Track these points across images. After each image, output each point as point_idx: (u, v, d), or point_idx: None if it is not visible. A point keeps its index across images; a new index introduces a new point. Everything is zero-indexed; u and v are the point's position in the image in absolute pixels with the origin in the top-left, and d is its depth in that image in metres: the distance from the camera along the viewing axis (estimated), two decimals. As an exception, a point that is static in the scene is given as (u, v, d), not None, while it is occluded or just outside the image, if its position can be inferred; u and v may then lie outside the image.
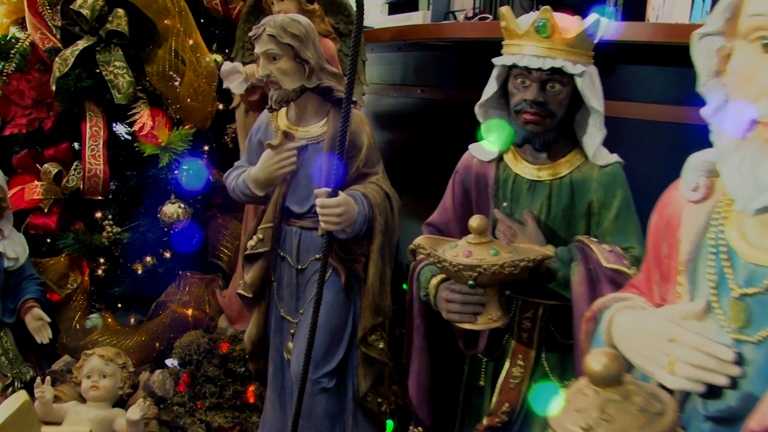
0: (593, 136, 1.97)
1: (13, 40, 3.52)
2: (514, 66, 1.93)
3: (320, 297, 2.29)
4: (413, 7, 4.14)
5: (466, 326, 1.91)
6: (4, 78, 3.41)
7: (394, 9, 4.23)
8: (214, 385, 3.04)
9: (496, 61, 1.99)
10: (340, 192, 2.29)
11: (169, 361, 3.16)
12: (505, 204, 2.07)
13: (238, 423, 2.94)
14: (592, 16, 1.87)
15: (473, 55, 3.32)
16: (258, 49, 2.44)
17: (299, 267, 2.59)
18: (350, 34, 3.36)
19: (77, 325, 3.39)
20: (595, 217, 2.01)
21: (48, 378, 2.61)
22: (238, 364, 3.07)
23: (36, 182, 3.35)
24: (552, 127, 1.95)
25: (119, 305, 3.49)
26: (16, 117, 3.37)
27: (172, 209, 3.29)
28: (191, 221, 3.29)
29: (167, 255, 3.44)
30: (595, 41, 1.92)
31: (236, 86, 3.10)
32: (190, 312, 3.34)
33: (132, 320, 3.50)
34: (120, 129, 3.53)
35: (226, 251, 3.49)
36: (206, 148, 3.40)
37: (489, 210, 2.09)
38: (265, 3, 3.27)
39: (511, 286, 2.05)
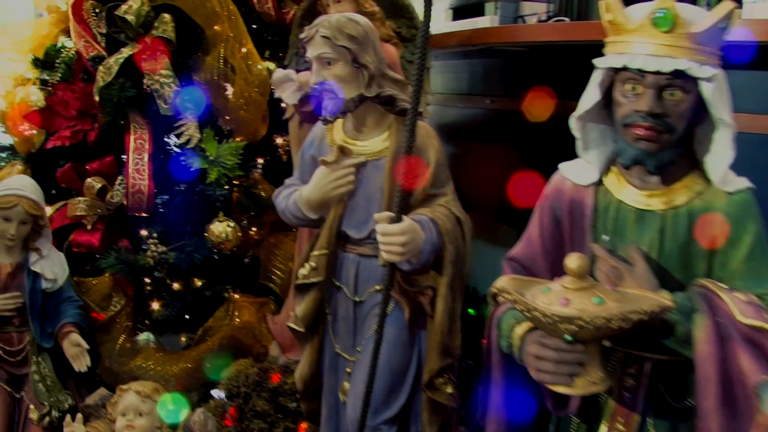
0: (721, 155, 1.52)
1: (62, 50, 3.20)
2: (623, 69, 1.49)
3: (381, 334, 1.95)
4: (479, 12, 3.70)
5: (561, 390, 1.48)
6: (50, 88, 3.08)
7: (458, 14, 3.80)
8: (263, 421, 2.68)
9: (599, 62, 1.55)
10: (404, 217, 1.87)
11: (215, 392, 2.79)
12: (605, 238, 1.63)
13: (289, 463, 2.55)
14: (725, 5, 1.42)
15: (551, 61, 2.86)
16: (310, 53, 2.06)
17: (357, 299, 2.19)
18: (413, 38, 2.96)
19: (121, 348, 3.03)
20: (719, 255, 1.55)
21: (79, 415, 2.26)
22: (289, 399, 2.70)
23: (79, 198, 3.01)
24: (670, 144, 1.50)
25: (165, 328, 3.12)
26: (60, 129, 3.05)
27: (220, 228, 2.93)
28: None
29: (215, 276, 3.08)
30: (726, 37, 1.47)
31: (289, 96, 2.73)
32: (239, 338, 2.96)
33: (179, 343, 3.14)
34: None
35: (279, 273, 3.12)
36: (260, 161, 3.01)
37: (585, 244, 1.66)
38: (320, 6, 2.89)
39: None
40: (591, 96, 1.60)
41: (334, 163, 2.11)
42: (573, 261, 1.42)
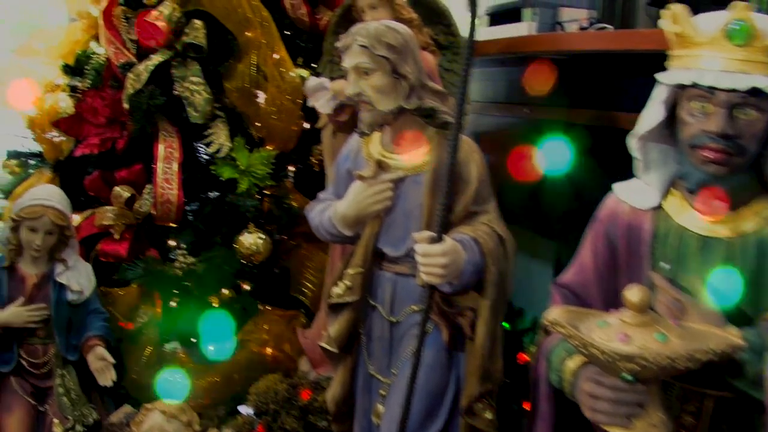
0: (796, 180, 1.38)
1: (92, 56, 3.12)
2: (691, 85, 1.36)
3: (419, 357, 1.85)
4: (516, 18, 3.58)
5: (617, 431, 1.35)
6: (79, 95, 3.00)
7: (494, 20, 3.68)
8: (293, 440, 2.55)
9: (664, 78, 1.42)
10: (445, 237, 1.76)
11: (243, 409, 2.68)
12: (665, 266, 1.50)
13: (319, 486, 2.44)
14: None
15: (593, 69, 2.73)
16: (347, 63, 1.96)
17: (393, 319, 2.08)
18: (451, 46, 2.83)
19: (147, 360, 2.94)
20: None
21: (104, 437, 2.17)
22: (319, 417, 2.58)
23: (107, 207, 2.92)
24: (741, 167, 1.37)
25: (192, 340, 3.03)
26: (89, 136, 2.97)
27: (250, 239, 2.83)
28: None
29: (246, 288, 2.97)
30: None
31: (322, 105, 2.63)
32: (268, 352, 2.86)
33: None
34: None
35: (310, 285, 3.00)
36: (291, 169, 2.91)
37: (642, 272, 1.53)
38: (355, 12, 2.77)
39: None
40: (654, 114, 1.47)
41: (371, 178, 2.00)
42: (634, 294, 1.30)
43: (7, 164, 3.26)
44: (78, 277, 2.65)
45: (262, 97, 2.92)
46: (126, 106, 2.85)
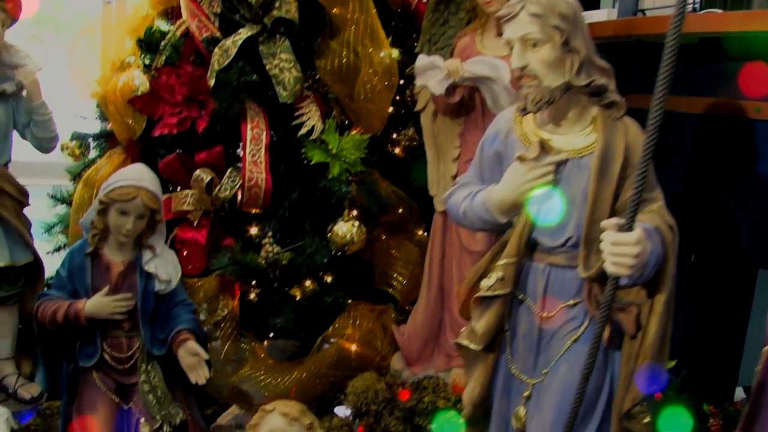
0: None
1: (157, 34, 2.88)
2: None
3: (594, 358, 1.72)
4: (594, 5, 3.40)
5: None
6: (153, 72, 2.76)
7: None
8: (397, 444, 2.35)
9: None
10: (636, 225, 1.57)
11: (339, 410, 2.48)
12: None
13: (431, 494, 2.24)
14: None
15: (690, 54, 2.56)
16: (511, 33, 1.78)
17: (544, 315, 1.88)
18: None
19: (225, 357, 2.72)
20: None
21: (220, 441, 1.95)
22: (426, 419, 2.37)
23: (186, 191, 2.69)
24: None
25: (271, 336, 2.82)
26: (165, 116, 2.74)
27: (345, 228, 2.62)
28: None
29: (329, 280, 2.76)
30: None
31: (435, 84, 2.43)
32: (358, 349, 2.65)
33: (285, 352, 2.83)
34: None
35: (399, 278, 2.80)
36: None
37: None
38: (463, -11, 2.58)
39: None
40: None
41: (533, 160, 1.80)
42: None
43: (66, 146, 3.01)
44: (166, 266, 2.44)
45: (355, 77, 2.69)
46: (212, 82, 2.62)
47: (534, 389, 1.95)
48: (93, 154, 3.07)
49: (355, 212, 2.73)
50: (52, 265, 2.94)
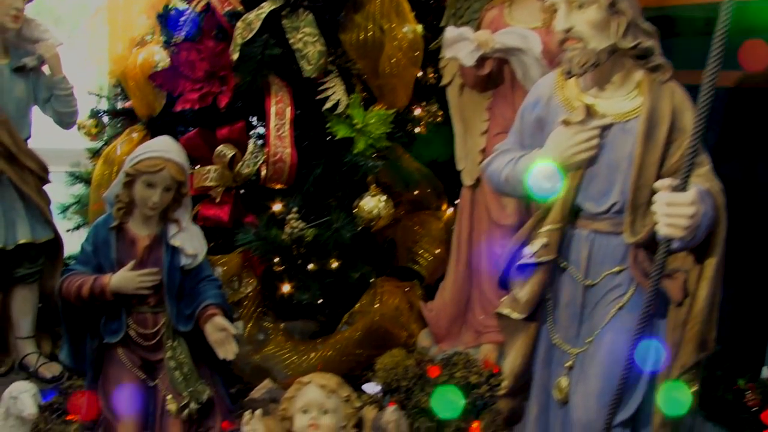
0: None
1: (173, 12, 2.83)
2: None
3: (646, 323, 1.70)
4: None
5: None
6: (173, 48, 2.71)
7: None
8: (429, 420, 2.31)
9: None
10: (691, 185, 1.54)
11: (368, 387, 2.43)
12: None
13: (465, 469, 2.21)
14: None
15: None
16: (557, -6, 1.72)
17: (588, 282, 1.86)
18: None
19: (248, 335, 2.68)
20: None
21: (259, 411, 1.90)
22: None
23: (209, 166, 2.64)
24: None
25: (296, 313, 2.77)
26: (185, 92, 2.69)
27: (372, 203, 2.57)
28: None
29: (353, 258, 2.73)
30: None
31: (465, 56, 2.40)
32: (384, 326, 2.61)
33: (308, 331, 2.79)
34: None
35: (426, 255, 2.76)
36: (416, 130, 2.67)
37: None
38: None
39: None
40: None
41: (579, 124, 1.77)
42: None
43: (83, 125, 2.96)
44: (191, 240, 2.38)
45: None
46: (235, 56, 2.57)
47: (577, 359, 1.92)
48: (109, 132, 3.01)
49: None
50: (70, 244, 2.89)
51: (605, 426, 1.76)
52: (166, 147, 2.28)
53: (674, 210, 1.55)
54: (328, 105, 2.62)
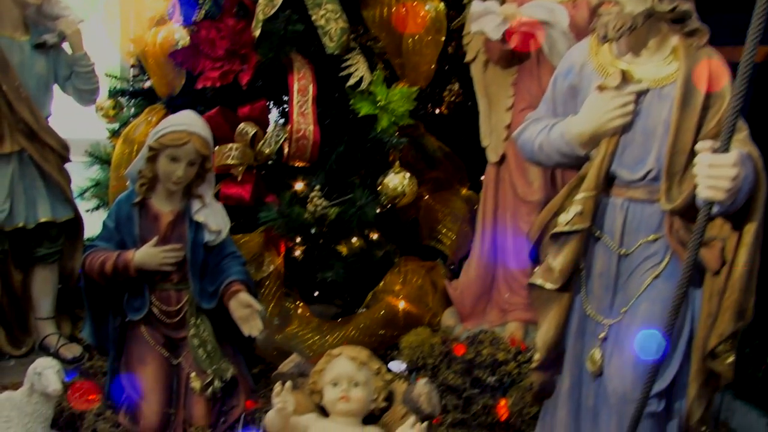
0: None
1: None
2: None
3: (684, 294, 1.65)
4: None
5: None
6: (193, 27, 2.69)
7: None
8: (457, 397, 2.28)
9: None
10: (732, 147, 1.52)
11: (393, 365, 2.41)
12: None
13: (494, 446, 2.18)
14: None
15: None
16: (591, -43, 1.70)
17: (622, 251, 1.84)
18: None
19: (270, 315, 2.65)
20: None
21: (289, 383, 1.87)
22: (485, 372, 2.30)
23: (231, 144, 2.62)
24: None
25: (315, 294, 2.75)
26: (205, 70, 2.66)
27: (396, 180, 2.55)
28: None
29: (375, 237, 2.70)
30: None
31: (492, 30, 2.38)
32: (408, 305, 2.59)
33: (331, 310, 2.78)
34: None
35: (449, 234, 2.73)
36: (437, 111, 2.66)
37: None
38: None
39: None
40: None
41: (614, 89, 1.75)
42: None
43: (101, 106, 2.94)
44: (215, 216, 2.36)
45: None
46: (256, 33, 2.55)
47: (610, 330, 1.89)
48: (128, 113, 2.99)
49: (402, 167, 2.67)
50: (89, 226, 2.88)
51: (642, 396, 1.72)
52: (190, 121, 2.27)
53: (716, 172, 1.53)
54: (351, 82, 2.60)
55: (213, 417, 2.29)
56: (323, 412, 1.99)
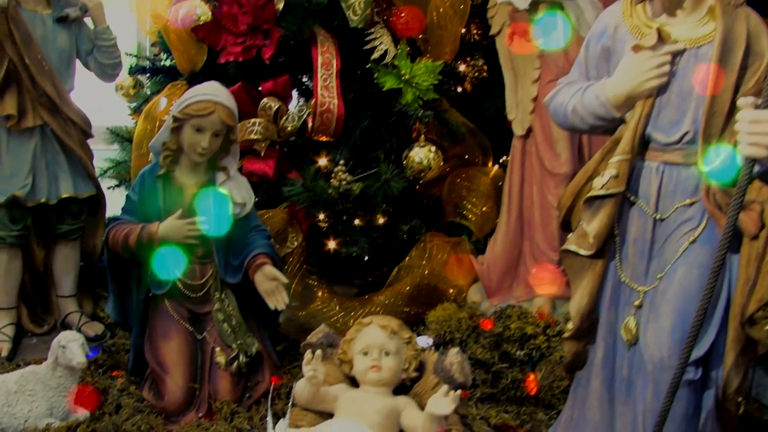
0: None
1: None
2: None
3: (723, 260, 1.62)
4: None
5: None
6: (214, 3, 2.68)
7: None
8: (485, 372, 2.26)
9: None
10: (771, 105, 1.49)
11: (422, 340, 2.39)
12: None
13: (523, 420, 2.15)
14: None
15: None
16: None
17: (658, 216, 1.80)
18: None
19: (293, 292, 2.64)
20: None
21: (319, 352, 1.86)
22: (514, 346, 2.28)
23: (254, 119, 2.61)
24: None
25: (342, 269, 2.74)
26: (227, 45, 2.65)
27: (421, 154, 2.53)
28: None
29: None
30: None
31: (519, 0, 2.33)
32: (433, 281, 2.56)
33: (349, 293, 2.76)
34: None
35: (475, 210, 2.71)
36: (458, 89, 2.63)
37: None
38: None
39: None
40: None
41: (650, 49, 1.72)
42: None
43: (121, 85, 2.93)
44: (239, 189, 2.34)
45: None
46: (280, 6, 2.54)
47: (646, 297, 1.86)
48: (150, 89, 2.99)
49: (425, 141, 2.65)
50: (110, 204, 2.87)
51: (681, 363, 1.69)
52: (215, 91, 2.25)
53: (759, 128, 1.50)
54: (375, 55, 2.58)
55: (238, 392, 2.27)
56: (353, 382, 1.97)
